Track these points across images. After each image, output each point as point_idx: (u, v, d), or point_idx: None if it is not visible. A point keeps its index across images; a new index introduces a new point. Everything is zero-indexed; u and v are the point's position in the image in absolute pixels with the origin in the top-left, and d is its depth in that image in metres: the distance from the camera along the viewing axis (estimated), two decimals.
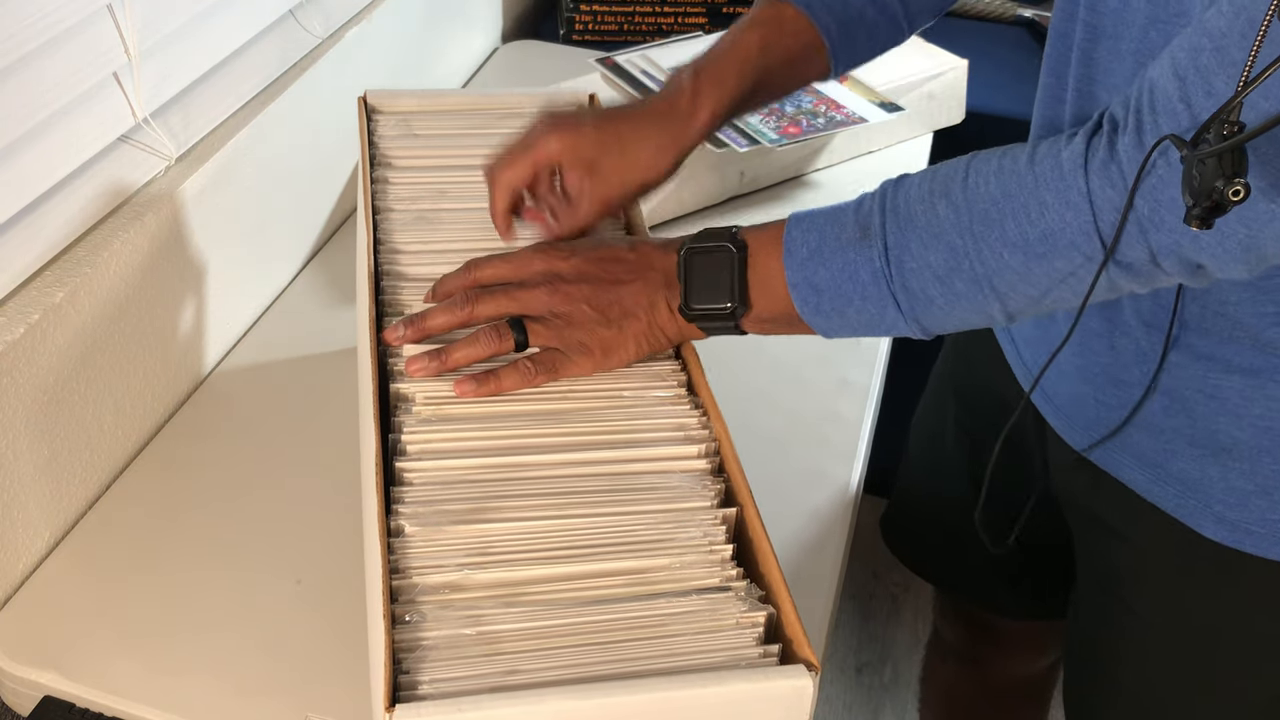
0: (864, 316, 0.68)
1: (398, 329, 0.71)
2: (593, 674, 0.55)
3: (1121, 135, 0.59)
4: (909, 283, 0.66)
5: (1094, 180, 0.60)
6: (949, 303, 0.66)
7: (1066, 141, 0.62)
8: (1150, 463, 0.78)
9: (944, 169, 0.66)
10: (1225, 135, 0.51)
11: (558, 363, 0.70)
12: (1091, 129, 0.62)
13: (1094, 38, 0.70)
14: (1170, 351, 0.74)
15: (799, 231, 0.69)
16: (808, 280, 0.68)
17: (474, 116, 0.90)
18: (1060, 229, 0.61)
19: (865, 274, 0.66)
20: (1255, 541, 0.75)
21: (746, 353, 0.76)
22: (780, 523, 0.66)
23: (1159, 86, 0.57)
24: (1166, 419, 0.76)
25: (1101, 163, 0.60)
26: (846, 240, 0.67)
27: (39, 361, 0.79)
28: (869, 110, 1.28)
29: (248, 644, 0.78)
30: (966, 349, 1.02)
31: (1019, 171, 0.63)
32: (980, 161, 0.65)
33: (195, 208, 0.93)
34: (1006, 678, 1.27)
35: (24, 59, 0.76)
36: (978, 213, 0.63)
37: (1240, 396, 0.72)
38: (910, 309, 0.67)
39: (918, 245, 0.65)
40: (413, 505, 0.62)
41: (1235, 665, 0.82)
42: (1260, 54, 0.51)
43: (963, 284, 0.65)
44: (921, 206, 0.65)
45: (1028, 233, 0.62)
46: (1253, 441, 0.73)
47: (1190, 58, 0.56)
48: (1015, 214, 0.62)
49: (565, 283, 0.71)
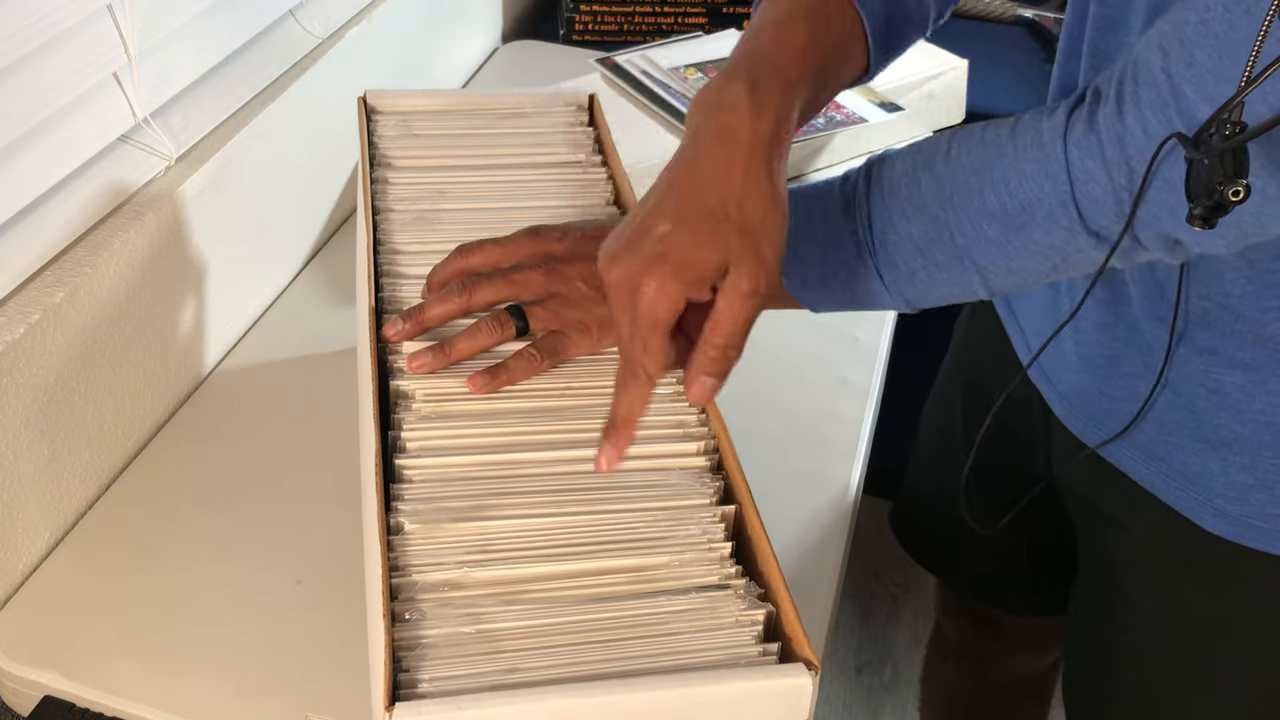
0: (849, 291, 0.68)
1: (396, 324, 0.71)
2: (592, 672, 0.55)
3: (1102, 106, 0.59)
4: (892, 255, 0.66)
5: (1072, 151, 0.60)
6: (930, 275, 0.65)
7: (1049, 113, 0.62)
8: (1152, 455, 0.78)
9: (928, 143, 0.66)
10: (1227, 135, 0.51)
11: (559, 344, 0.70)
12: (1074, 100, 0.61)
13: (1102, 29, 0.70)
14: (1173, 345, 0.74)
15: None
16: (793, 253, 0.67)
17: (474, 116, 0.90)
18: (1038, 199, 0.61)
19: (849, 247, 0.66)
20: (1256, 535, 0.75)
21: (746, 352, 0.76)
22: (780, 523, 0.66)
23: (1142, 59, 0.57)
24: (1169, 412, 0.76)
25: (1081, 133, 0.60)
26: (831, 213, 0.67)
27: (39, 361, 0.79)
28: (869, 110, 1.28)
29: (248, 644, 0.78)
30: (975, 342, 1.02)
31: (1000, 141, 0.63)
32: (963, 134, 0.65)
33: (195, 208, 0.93)
34: (1008, 676, 1.27)
35: (24, 59, 0.76)
36: (958, 183, 0.63)
37: (1241, 391, 0.72)
38: (894, 282, 0.66)
39: (899, 217, 0.65)
40: (412, 503, 0.62)
41: (1234, 660, 0.82)
42: (1261, 54, 0.51)
43: (943, 255, 0.64)
44: (905, 180, 0.65)
45: (1006, 203, 0.62)
46: (1254, 436, 0.73)
47: (1175, 29, 0.55)
48: (995, 184, 0.62)
49: (559, 263, 0.71)
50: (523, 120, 0.90)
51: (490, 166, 0.85)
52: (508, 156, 0.86)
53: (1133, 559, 0.84)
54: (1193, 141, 0.53)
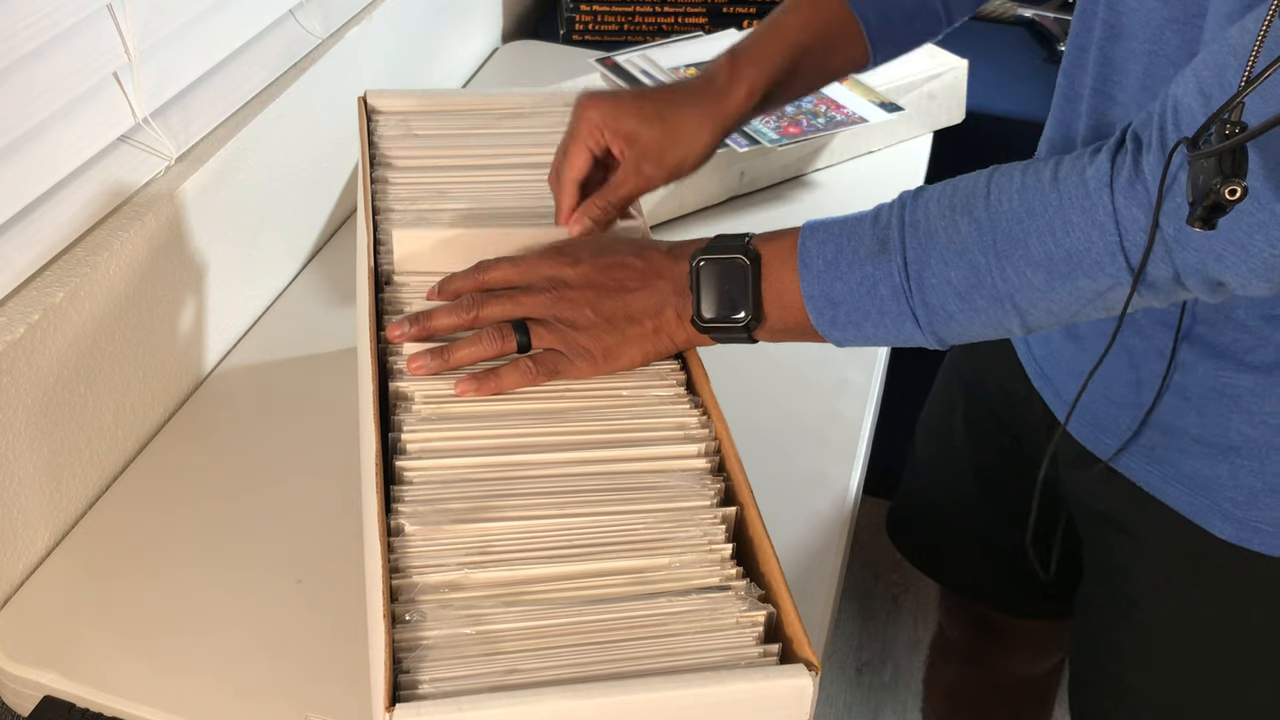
0: (881, 330, 0.68)
1: (401, 325, 0.71)
2: (592, 673, 0.55)
3: (1146, 154, 0.59)
4: (929, 298, 0.65)
5: (1119, 199, 0.60)
6: (968, 318, 0.65)
7: (1090, 158, 0.62)
8: (1159, 460, 0.78)
9: (964, 183, 0.66)
10: (1226, 135, 0.51)
11: (559, 364, 0.70)
12: (1115, 145, 0.61)
13: (1112, 37, 0.70)
14: (1182, 350, 0.74)
15: (814, 243, 0.68)
16: (824, 294, 0.68)
17: (474, 116, 0.90)
18: (1086, 249, 0.61)
19: (884, 289, 0.66)
20: (1264, 540, 0.75)
21: (746, 353, 0.76)
22: (780, 523, 0.66)
23: (1183, 103, 0.57)
24: (1176, 417, 0.76)
25: (1127, 181, 0.59)
26: (865, 254, 0.67)
27: (39, 361, 0.79)
28: (869, 110, 1.28)
29: (248, 644, 0.78)
30: (975, 344, 1.02)
31: (1043, 189, 0.62)
32: (1003, 176, 0.64)
33: (195, 208, 0.93)
34: (1011, 677, 1.27)
35: (24, 59, 0.76)
36: (1001, 230, 0.63)
37: (1252, 394, 0.72)
38: (929, 323, 0.66)
39: (938, 262, 0.65)
40: (413, 504, 0.62)
41: (1242, 665, 0.82)
42: (1261, 54, 0.51)
43: (984, 300, 0.64)
44: (943, 223, 0.65)
45: (1052, 252, 0.62)
46: (1263, 439, 0.73)
47: (1215, 75, 0.55)
48: (1040, 233, 0.62)
49: (570, 289, 0.71)
50: (523, 120, 0.90)
51: (490, 166, 0.85)
52: (508, 156, 0.86)
53: (1140, 564, 0.84)
54: (1192, 142, 0.53)
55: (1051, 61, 1.60)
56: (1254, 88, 0.50)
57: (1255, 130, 0.50)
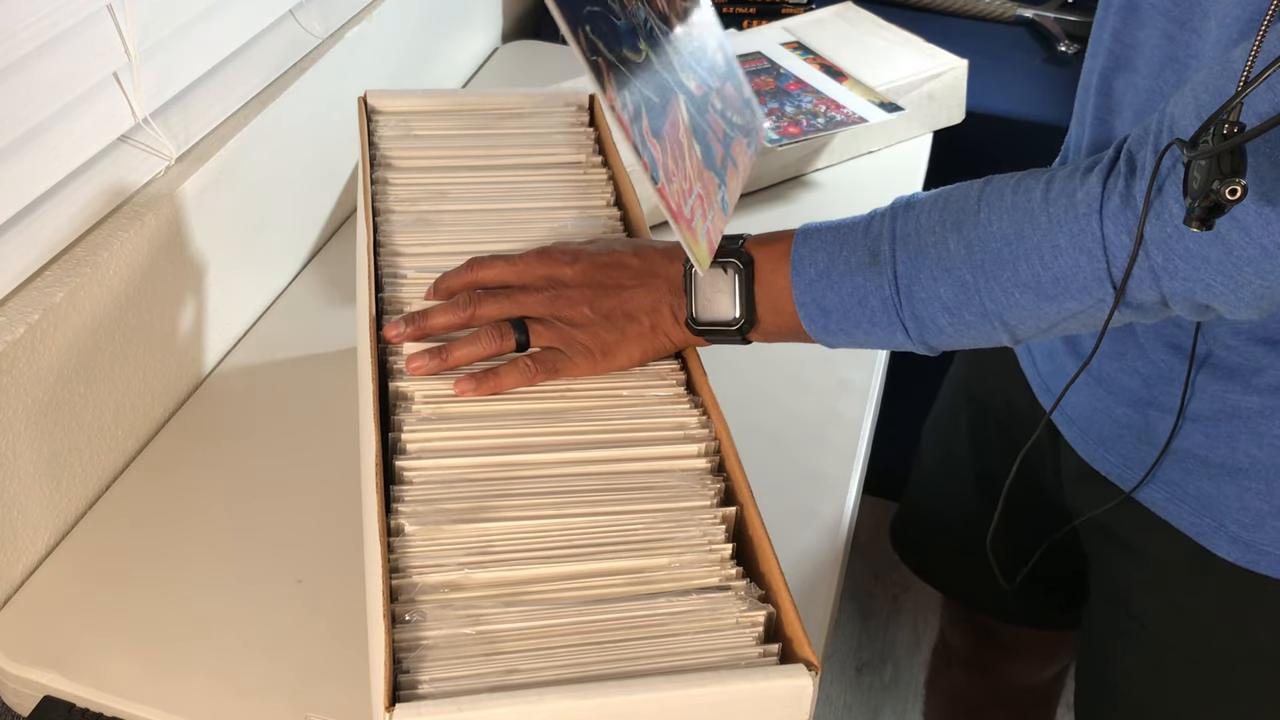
0: (872, 337, 0.68)
1: (398, 326, 0.71)
2: (592, 673, 0.55)
3: (1139, 180, 0.59)
4: (919, 311, 0.66)
5: (1109, 226, 0.59)
6: (958, 331, 0.66)
7: (1082, 178, 0.61)
8: (1166, 480, 0.78)
9: (956, 196, 0.66)
10: (1225, 136, 0.51)
11: (558, 362, 0.70)
12: (1107, 166, 0.61)
13: (1114, 66, 0.70)
14: (1193, 372, 0.74)
15: (806, 250, 0.68)
16: (816, 301, 0.68)
17: (474, 117, 0.90)
18: (1073, 273, 0.61)
19: (875, 300, 0.66)
20: (1270, 563, 0.74)
21: (747, 353, 0.76)
22: (780, 523, 0.66)
23: (1180, 124, 0.57)
24: (1183, 438, 0.76)
25: (1117, 207, 0.59)
26: (856, 264, 0.67)
27: (39, 361, 0.79)
28: (869, 110, 1.28)
29: (248, 644, 0.78)
30: (980, 355, 1.01)
31: (1032, 210, 0.62)
32: (993, 193, 0.64)
33: (195, 208, 0.93)
34: (1013, 684, 1.26)
35: (23, 59, 0.76)
36: (990, 251, 0.63)
37: (1260, 415, 0.72)
38: (919, 334, 0.67)
39: (928, 277, 0.65)
40: (412, 504, 0.62)
41: (1246, 687, 0.81)
42: (1260, 54, 0.51)
43: (972, 316, 0.65)
44: (932, 238, 0.65)
45: (1040, 275, 0.62)
46: (1271, 461, 0.72)
47: (1214, 98, 0.55)
48: (1028, 255, 0.62)
49: (568, 288, 0.71)
50: (523, 120, 0.90)
51: (490, 167, 0.85)
52: (508, 157, 0.86)
53: (1145, 583, 0.83)
54: (1190, 143, 0.53)
55: (1051, 62, 1.60)
56: (1253, 88, 0.50)
57: (1256, 130, 0.50)
